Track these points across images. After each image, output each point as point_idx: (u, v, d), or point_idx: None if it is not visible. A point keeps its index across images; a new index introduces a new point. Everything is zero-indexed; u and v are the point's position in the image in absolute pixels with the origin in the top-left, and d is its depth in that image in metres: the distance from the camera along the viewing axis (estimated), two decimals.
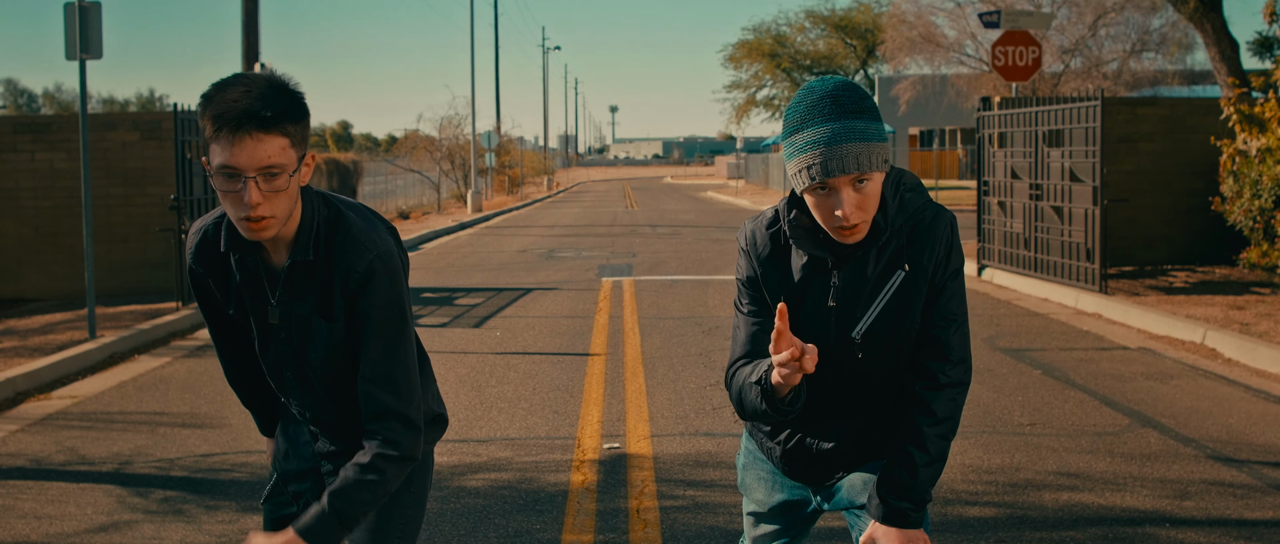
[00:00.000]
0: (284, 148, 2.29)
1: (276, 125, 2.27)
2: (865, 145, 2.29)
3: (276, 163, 2.28)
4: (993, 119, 14.03)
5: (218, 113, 2.26)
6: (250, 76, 2.31)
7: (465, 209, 34.11)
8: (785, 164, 2.39)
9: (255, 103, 2.26)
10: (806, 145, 2.31)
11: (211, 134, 2.27)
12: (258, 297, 2.51)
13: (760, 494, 2.77)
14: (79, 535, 4.94)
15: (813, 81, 2.38)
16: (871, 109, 2.34)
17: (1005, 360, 8.58)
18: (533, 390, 7.68)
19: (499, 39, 53.65)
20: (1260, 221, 11.43)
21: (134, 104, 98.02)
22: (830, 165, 2.28)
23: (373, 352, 2.42)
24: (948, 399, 2.48)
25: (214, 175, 2.29)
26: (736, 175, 62.99)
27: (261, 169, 2.27)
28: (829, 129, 2.29)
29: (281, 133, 2.28)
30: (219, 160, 2.28)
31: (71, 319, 10.85)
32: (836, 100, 2.31)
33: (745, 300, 2.59)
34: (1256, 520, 4.93)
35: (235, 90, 2.27)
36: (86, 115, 10.00)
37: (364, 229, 2.46)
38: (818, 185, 2.32)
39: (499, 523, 4.98)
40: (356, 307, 2.42)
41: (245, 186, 2.27)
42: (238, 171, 2.26)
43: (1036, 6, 28.74)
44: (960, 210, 26.48)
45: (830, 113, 2.30)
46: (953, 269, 2.47)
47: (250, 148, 2.25)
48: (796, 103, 2.36)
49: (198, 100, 2.32)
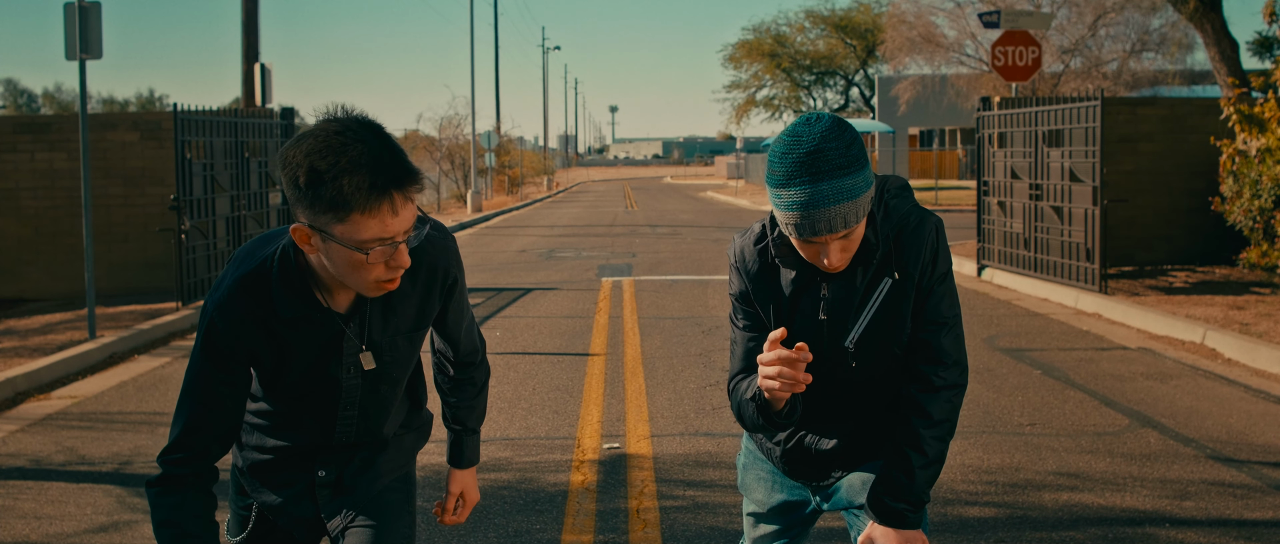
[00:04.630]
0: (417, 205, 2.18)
1: (420, 184, 2.13)
2: (851, 203, 2.29)
3: (418, 216, 2.19)
4: (993, 119, 14.03)
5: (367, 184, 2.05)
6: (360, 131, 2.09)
7: (465, 209, 34.11)
8: (770, 199, 2.37)
9: (400, 162, 2.09)
10: (791, 204, 2.30)
11: (357, 209, 2.05)
12: (321, 349, 2.35)
13: (760, 494, 2.78)
14: (79, 535, 4.94)
15: (799, 126, 2.31)
16: (857, 159, 2.30)
17: (1005, 360, 8.58)
18: (532, 390, 7.68)
19: (499, 39, 53.65)
20: (1260, 221, 11.43)
21: (134, 104, 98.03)
22: (817, 226, 2.30)
23: (463, 318, 2.63)
24: (944, 401, 2.48)
25: (342, 247, 2.09)
26: (736, 175, 62.98)
27: (407, 229, 2.14)
28: (813, 191, 2.27)
29: (420, 192, 2.15)
30: (369, 235, 2.08)
31: (71, 319, 10.86)
32: (821, 158, 2.26)
33: (739, 316, 2.62)
34: (1256, 520, 4.93)
35: (362, 153, 2.06)
36: (86, 115, 10.00)
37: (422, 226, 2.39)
38: (804, 241, 2.36)
39: (499, 523, 4.98)
40: (449, 302, 2.53)
41: (396, 252, 2.13)
42: (390, 240, 2.11)
43: (1036, 6, 28.74)
44: (960, 210, 26.49)
45: (814, 173, 2.26)
46: (940, 273, 2.47)
47: (406, 212, 2.11)
48: (782, 155, 2.30)
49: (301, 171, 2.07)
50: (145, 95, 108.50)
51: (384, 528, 2.52)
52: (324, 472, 2.54)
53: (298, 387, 2.41)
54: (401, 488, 2.63)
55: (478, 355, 2.75)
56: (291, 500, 2.55)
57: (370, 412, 2.51)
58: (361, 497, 2.55)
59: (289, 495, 2.55)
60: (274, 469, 2.55)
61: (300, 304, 2.28)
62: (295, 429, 2.49)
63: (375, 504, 2.55)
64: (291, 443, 2.51)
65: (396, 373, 2.48)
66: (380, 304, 2.37)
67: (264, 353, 2.33)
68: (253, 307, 2.28)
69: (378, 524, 2.51)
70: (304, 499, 2.55)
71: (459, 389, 2.75)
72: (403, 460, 2.64)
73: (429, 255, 2.38)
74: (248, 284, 2.28)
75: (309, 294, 2.28)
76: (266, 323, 2.29)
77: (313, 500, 2.55)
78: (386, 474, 2.59)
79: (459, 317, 2.61)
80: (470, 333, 2.70)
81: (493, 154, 39.06)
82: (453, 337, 2.65)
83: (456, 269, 2.50)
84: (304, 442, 2.51)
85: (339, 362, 2.38)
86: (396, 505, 2.58)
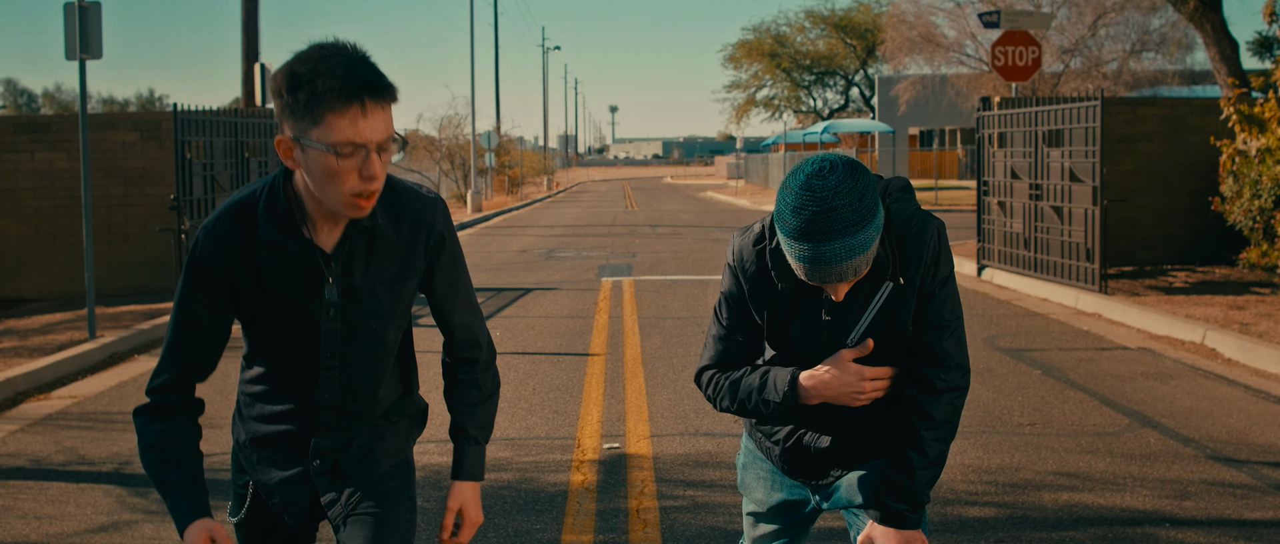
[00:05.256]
0: (392, 118, 2.27)
1: (394, 96, 2.24)
2: (862, 257, 2.31)
3: (392, 135, 2.26)
4: (993, 119, 14.03)
5: (340, 85, 2.17)
6: (340, 46, 2.23)
7: (465, 209, 34.11)
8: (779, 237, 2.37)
9: (374, 72, 2.20)
10: (802, 257, 2.31)
11: (324, 111, 2.17)
12: (301, 283, 2.39)
13: (759, 494, 2.78)
14: (79, 535, 4.94)
15: (813, 179, 2.27)
16: (870, 209, 2.28)
17: (1005, 360, 8.58)
18: (532, 390, 7.68)
19: (499, 39, 53.65)
20: (1260, 221, 11.44)
21: (134, 104, 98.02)
22: (828, 277, 2.33)
23: (457, 292, 2.56)
24: (945, 403, 2.48)
25: (317, 151, 2.20)
26: (736, 175, 62.97)
27: (381, 141, 2.23)
28: (826, 250, 2.27)
29: (393, 101, 2.26)
30: (341, 137, 2.19)
31: (71, 319, 10.86)
32: (835, 216, 2.25)
33: (726, 313, 2.62)
34: (1256, 520, 4.93)
35: (338, 60, 2.19)
36: (86, 115, 10.00)
37: (413, 186, 2.47)
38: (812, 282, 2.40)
39: (499, 523, 4.98)
40: (436, 261, 2.50)
41: (367, 160, 2.22)
42: (362, 148, 2.20)
43: (1036, 6, 28.74)
44: (960, 210, 26.48)
45: (827, 232, 2.26)
46: (942, 276, 2.47)
47: (378, 118, 2.21)
48: (795, 208, 2.28)
49: (282, 77, 2.21)
50: (145, 95, 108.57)
51: (385, 514, 2.52)
52: (319, 461, 2.52)
53: (278, 327, 2.43)
54: (401, 475, 2.61)
55: (480, 352, 2.65)
56: (288, 483, 2.54)
57: (352, 367, 2.47)
58: (361, 484, 2.54)
59: (286, 478, 2.54)
60: (271, 445, 2.54)
61: (282, 230, 2.35)
62: (283, 388, 2.50)
63: (376, 491, 2.54)
64: (282, 407, 2.50)
65: (375, 323, 2.46)
66: (363, 247, 2.39)
67: (244, 278, 2.38)
68: (238, 230, 2.37)
69: (379, 512, 2.51)
70: (300, 484, 2.54)
71: (460, 391, 2.65)
72: (400, 446, 2.63)
73: (416, 207, 2.45)
74: (237, 210, 2.38)
75: (292, 223, 2.35)
76: (248, 246, 2.36)
77: (309, 486, 2.54)
78: (384, 460, 2.58)
79: (451, 289, 2.55)
80: (468, 319, 2.61)
81: (493, 154, 39.07)
82: (446, 313, 2.57)
83: (444, 227, 2.48)
84: (293, 404, 2.49)
85: (319, 302, 2.41)
86: (396, 492, 2.57)
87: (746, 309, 2.58)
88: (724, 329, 2.62)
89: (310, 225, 2.37)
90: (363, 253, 2.40)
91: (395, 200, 2.42)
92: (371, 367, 2.50)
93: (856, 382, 2.47)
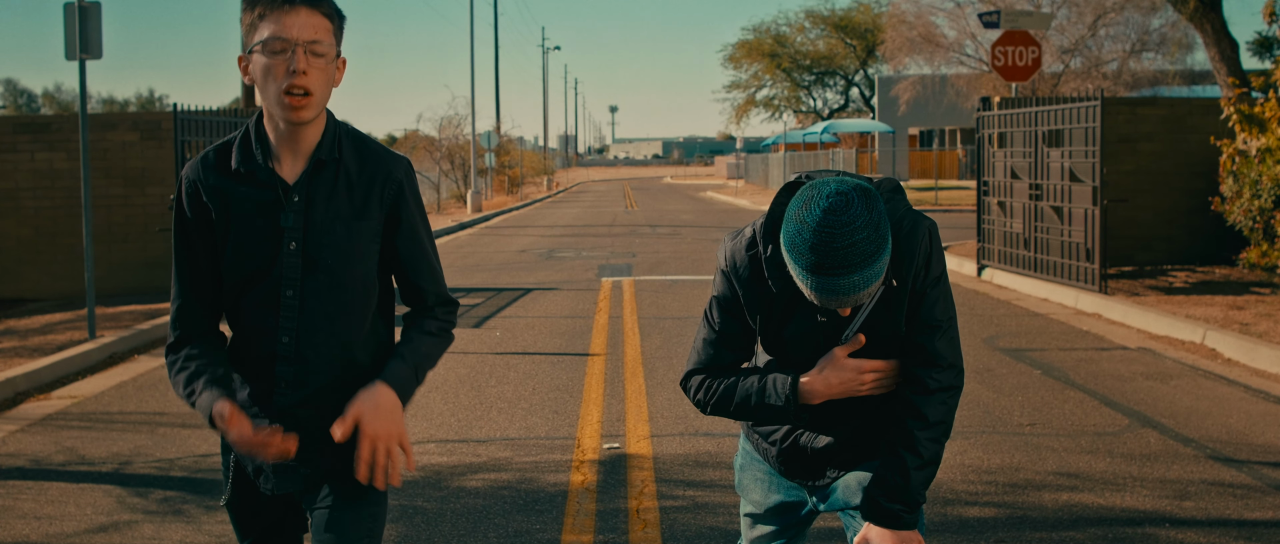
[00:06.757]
0: (328, 30, 2.46)
1: (324, 3, 2.46)
2: (873, 286, 2.31)
3: (322, 40, 2.44)
4: (992, 119, 14.03)
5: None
6: None
7: (465, 209, 34.12)
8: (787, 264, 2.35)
9: None
10: (814, 287, 2.30)
11: (260, 13, 2.41)
12: (261, 212, 2.51)
13: (757, 495, 2.78)
14: (79, 535, 4.94)
15: (828, 215, 2.23)
16: (883, 237, 2.26)
17: (1005, 360, 8.58)
18: (532, 390, 7.68)
19: (499, 39, 53.64)
20: (1260, 221, 11.44)
21: (134, 104, 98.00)
22: (842, 304, 2.34)
23: (417, 248, 2.62)
24: (938, 403, 2.49)
25: (256, 53, 2.41)
26: (736, 175, 63.00)
27: (309, 42, 2.42)
28: (842, 282, 2.27)
29: (326, 15, 2.46)
30: (268, 32, 2.40)
31: (71, 319, 10.86)
32: (853, 252, 2.23)
33: (718, 316, 2.61)
34: (1256, 520, 4.93)
35: None
36: (86, 115, 10.00)
37: (382, 144, 2.64)
38: None
39: (499, 523, 4.98)
40: (396, 212, 2.58)
41: (293, 55, 2.40)
42: (287, 43, 2.39)
43: (1036, 6, 28.74)
44: (960, 210, 26.49)
45: (846, 267, 2.24)
46: (933, 277, 2.47)
47: (303, 18, 2.42)
48: (811, 246, 2.24)
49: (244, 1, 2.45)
50: (145, 95, 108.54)
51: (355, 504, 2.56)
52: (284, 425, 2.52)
53: (241, 259, 2.52)
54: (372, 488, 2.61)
55: (444, 309, 2.67)
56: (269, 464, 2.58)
57: (309, 306, 2.51)
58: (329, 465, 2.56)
59: None
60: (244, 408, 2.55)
61: (248, 161, 2.52)
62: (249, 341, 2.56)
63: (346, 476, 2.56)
64: (249, 361, 2.57)
65: (331, 259, 2.50)
66: (324, 182, 2.53)
67: (215, 209, 2.53)
68: (215, 165, 2.56)
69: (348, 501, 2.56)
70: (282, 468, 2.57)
71: (409, 330, 2.63)
72: None
73: (382, 157, 2.59)
74: (217, 149, 2.58)
75: (260, 155, 2.53)
76: (222, 177, 2.54)
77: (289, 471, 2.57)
78: None
79: (413, 245, 2.61)
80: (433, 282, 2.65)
81: (492, 154, 39.08)
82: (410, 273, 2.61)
83: (405, 178, 2.59)
84: (259, 354, 2.55)
85: (277, 230, 2.51)
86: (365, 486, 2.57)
87: (740, 313, 2.58)
88: (715, 333, 2.61)
89: (275, 159, 2.54)
90: (324, 187, 2.53)
91: (364, 147, 2.59)
92: (328, 309, 2.53)
93: (855, 376, 2.50)
